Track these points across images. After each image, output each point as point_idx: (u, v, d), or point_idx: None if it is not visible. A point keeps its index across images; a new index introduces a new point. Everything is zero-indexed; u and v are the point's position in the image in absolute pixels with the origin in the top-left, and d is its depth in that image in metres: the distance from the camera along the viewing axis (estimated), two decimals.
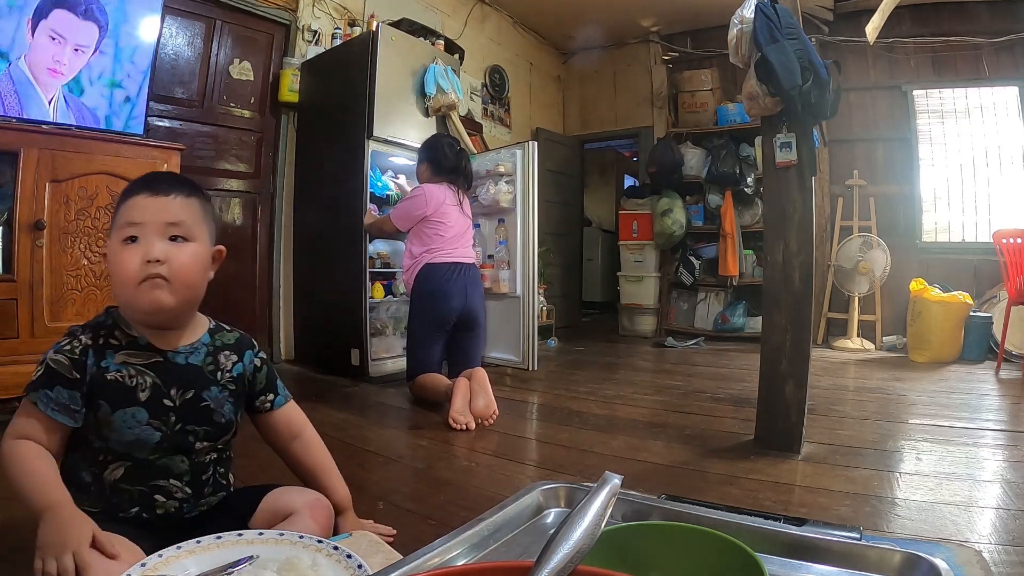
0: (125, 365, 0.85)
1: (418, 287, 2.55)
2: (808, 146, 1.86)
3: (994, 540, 1.21)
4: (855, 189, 4.55)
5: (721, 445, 1.94)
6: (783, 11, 1.85)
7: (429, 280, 2.52)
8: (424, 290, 2.53)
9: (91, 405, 0.83)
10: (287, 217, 3.47)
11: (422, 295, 2.54)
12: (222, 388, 0.93)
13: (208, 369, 0.93)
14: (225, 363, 0.96)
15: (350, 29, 3.62)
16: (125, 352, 0.86)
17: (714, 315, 4.83)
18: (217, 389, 0.92)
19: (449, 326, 2.54)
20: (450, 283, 2.51)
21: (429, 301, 2.51)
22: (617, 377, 3.29)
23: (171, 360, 0.89)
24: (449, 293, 2.50)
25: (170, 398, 0.87)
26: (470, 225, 2.71)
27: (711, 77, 4.86)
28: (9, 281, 1.98)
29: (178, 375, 0.89)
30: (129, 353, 0.86)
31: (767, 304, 1.93)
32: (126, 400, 0.84)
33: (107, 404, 0.83)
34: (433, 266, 2.52)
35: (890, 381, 3.12)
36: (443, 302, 2.50)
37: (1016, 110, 4.20)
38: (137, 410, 0.84)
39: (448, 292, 2.50)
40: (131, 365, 0.85)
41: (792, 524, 0.59)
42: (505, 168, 3.27)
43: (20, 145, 2.00)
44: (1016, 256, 3.42)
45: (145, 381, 0.85)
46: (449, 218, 2.58)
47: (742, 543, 0.45)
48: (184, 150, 2.50)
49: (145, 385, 0.85)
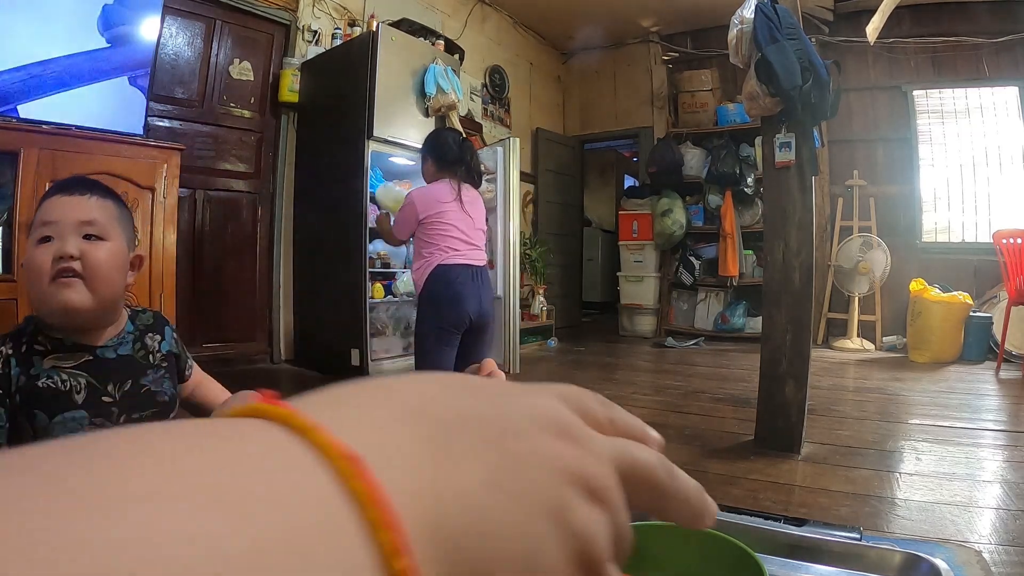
0: (55, 370, 0.82)
1: (429, 289, 2.45)
2: (808, 146, 1.87)
3: (994, 540, 1.21)
4: (855, 189, 4.55)
5: (721, 445, 1.94)
6: (783, 11, 1.85)
7: (442, 283, 2.42)
8: (436, 293, 2.43)
9: (27, 416, 0.79)
10: (287, 217, 3.47)
11: (434, 299, 2.43)
12: (157, 368, 0.92)
13: (139, 355, 0.91)
14: (152, 344, 0.94)
15: (350, 29, 3.62)
16: (53, 356, 0.82)
17: (714, 315, 4.83)
18: (153, 371, 0.92)
19: (462, 330, 2.45)
20: (463, 286, 2.41)
21: (442, 305, 2.41)
22: (617, 377, 3.29)
23: (101, 356, 0.86)
24: (463, 297, 2.40)
25: (108, 394, 0.85)
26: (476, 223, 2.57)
27: (711, 77, 4.86)
28: (9, 281, 1.98)
29: (113, 369, 0.87)
30: (57, 356, 0.82)
31: (767, 304, 1.93)
32: (63, 405, 0.81)
33: (43, 413, 0.80)
34: (446, 267, 2.42)
35: (890, 381, 3.11)
36: (457, 306, 2.40)
37: (1016, 110, 4.20)
38: (76, 412, 0.82)
39: (462, 296, 2.40)
40: (62, 369, 0.82)
41: (792, 524, 0.59)
42: (486, 167, 3.26)
43: (20, 145, 2.00)
44: (1016, 256, 3.42)
45: (79, 382, 0.83)
46: (449, 216, 2.47)
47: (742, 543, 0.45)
48: (184, 150, 2.49)
49: (80, 387, 0.83)
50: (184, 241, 2.79)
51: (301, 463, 0.12)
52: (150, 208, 2.30)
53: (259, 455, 0.12)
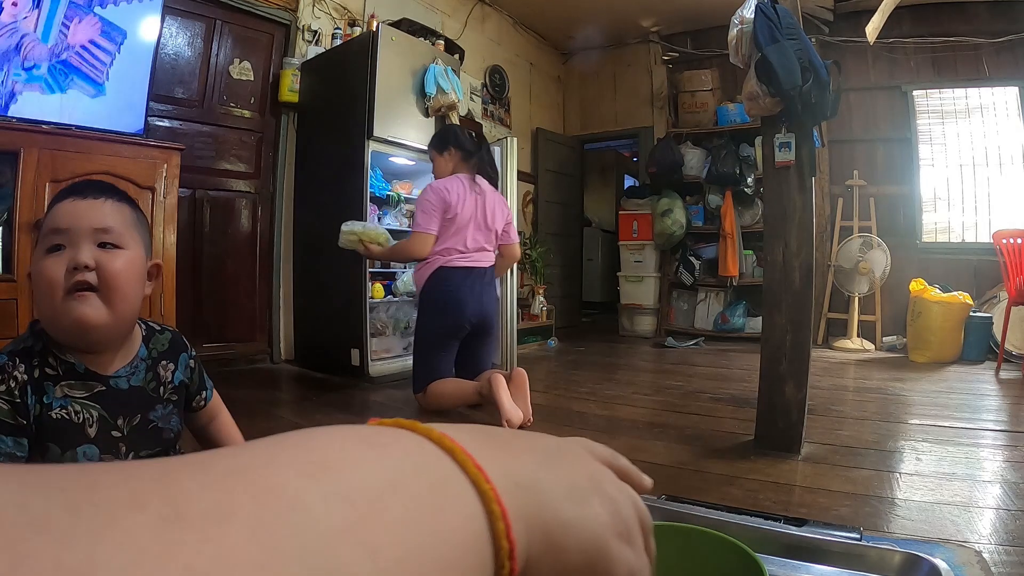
0: (68, 399, 0.75)
1: (430, 291, 2.37)
2: (808, 146, 1.87)
3: (994, 540, 1.21)
4: (855, 189, 4.55)
5: (721, 445, 1.94)
6: (783, 11, 1.85)
7: (442, 286, 2.34)
8: (436, 296, 2.35)
9: (40, 449, 0.73)
10: (287, 217, 3.47)
11: (434, 302, 2.36)
12: (166, 403, 0.86)
13: (150, 387, 0.85)
14: (164, 375, 0.87)
15: (350, 29, 3.62)
16: (65, 383, 0.76)
17: (714, 315, 4.83)
18: (161, 406, 0.85)
19: (463, 334, 2.39)
20: (463, 290, 2.34)
21: (442, 309, 2.34)
22: (617, 377, 3.29)
23: (114, 387, 0.80)
24: (464, 301, 2.33)
25: (117, 428, 0.79)
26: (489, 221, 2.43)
27: (711, 77, 4.86)
28: (9, 281, 1.98)
29: (123, 402, 0.80)
30: (69, 384, 0.76)
31: (767, 304, 1.93)
32: (76, 439, 0.75)
33: (56, 446, 0.74)
34: (449, 270, 2.34)
35: (890, 381, 3.11)
36: (457, 311, 2.33)
37: (1016, 110, 4.20)
38: (88, 447, 0.76)
39: (463, 300, 2.33)
40: (74, 399, 0.76)
41: (792, 524, 0.59)
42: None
43: (20, 145, 2.00)
44: (1016, 256, 3.42)
45: (92, 415, 0.77)
46: (464, 215, 2.36)
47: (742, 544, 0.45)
48: (184, 150, 2.49)
49: (92, 419, 0.77)
50: (184, 241, 2.79)
51: (443, 463, 0.18)
52: (150, 208, 2.30)
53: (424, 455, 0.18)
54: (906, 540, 0.54)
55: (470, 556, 0.16)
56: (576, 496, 0.22)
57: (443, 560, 0.15)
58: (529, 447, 0.23)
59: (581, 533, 0.21)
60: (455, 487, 0.17)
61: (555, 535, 0.20)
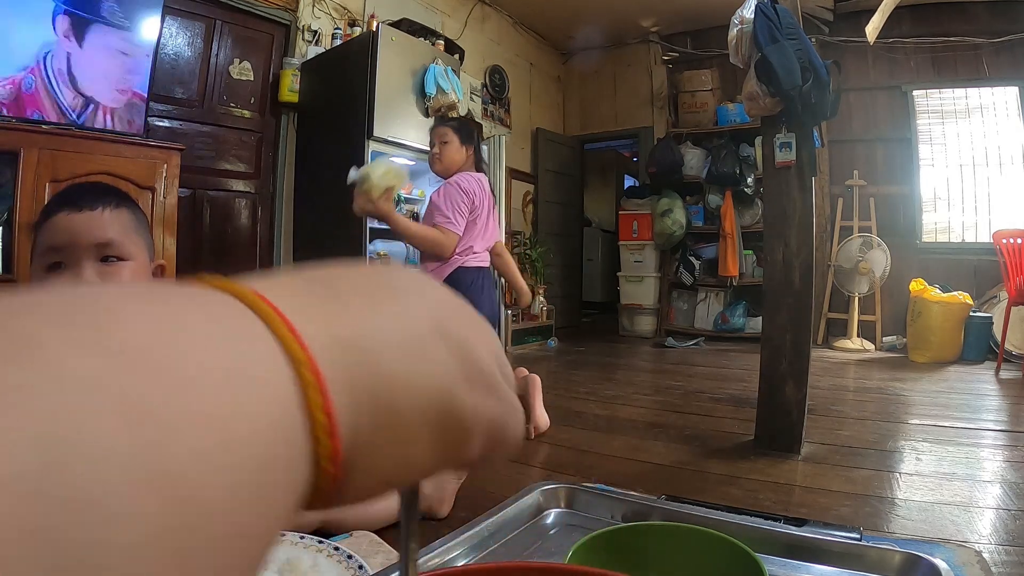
0: None
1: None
2: (808, 146, 1.87)
3: (994, 540, 1.21)
4: (855, 189, 4.55)
5: (721, 445, 1.94)
6: (783, 11, 1.85)
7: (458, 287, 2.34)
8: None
9: None
10: (287, 217, 3.47)
11: None
12: None
13: None
14: None
15: (350, 29, 3.62)
16: None
17: (714, 315, 4.83)
18: None
19: None
20: (476, 292, 2.33)
21: None
22: (617, 377, 3.29)
23: None
24: (479, 304, 2.24)
25: None
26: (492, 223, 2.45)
27: (711, 77, 4.86)
28: (9, 281, 1.98)
29: None
30: None
31: (767, 304, 1.93)
32: None
33: None
34: (465, 270, 2.32)
35: (890, 381, 3.12)
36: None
37: (1016, 110, 4.20)
38: None
39: (476, 301, 2.27)
40: None
41: (792, 524, 0.59)
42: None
43: (20, 145, 2.00)
44: (1016, 256, 3.42)
45: None
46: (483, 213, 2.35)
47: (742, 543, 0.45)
48: (184, 150, 2.50)
49: None
50: (184, 241, 2.78)
51: (247, 321, 0.15)
52: (150, 208, 2.30)
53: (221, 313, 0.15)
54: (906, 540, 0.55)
55: (273, 432, 0.13)
56: (412, 345, 0.18)
57: (230, 441, 0.12)
58: (361, 288, 0.19)
59: (417, 390, 0.17)
60: (259, 354, 0.14)
61: (385, 398, 0.16)
